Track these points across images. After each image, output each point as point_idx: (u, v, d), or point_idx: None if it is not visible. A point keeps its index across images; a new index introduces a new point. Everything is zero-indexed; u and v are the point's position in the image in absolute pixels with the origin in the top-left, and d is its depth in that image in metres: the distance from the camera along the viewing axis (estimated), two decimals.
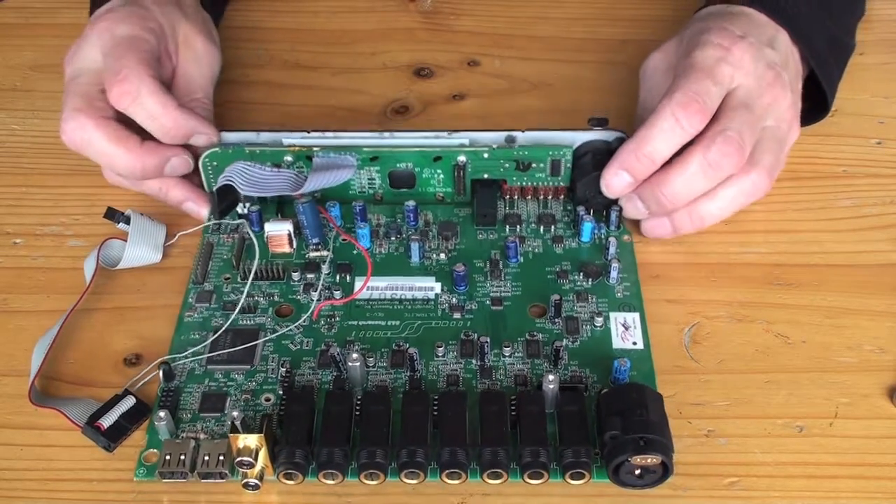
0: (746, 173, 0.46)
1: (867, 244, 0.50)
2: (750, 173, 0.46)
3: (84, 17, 0.52)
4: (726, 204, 0.47)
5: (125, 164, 0.47)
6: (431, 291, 0.47)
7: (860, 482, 0.40)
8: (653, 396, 0.40)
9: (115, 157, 0.47)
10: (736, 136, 0.45)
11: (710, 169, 0.45)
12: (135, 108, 0.46)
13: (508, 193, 0.50)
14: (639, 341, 0.44)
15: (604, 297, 0.46)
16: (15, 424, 0.42)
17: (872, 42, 0.63)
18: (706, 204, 0.47)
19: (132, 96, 0.46)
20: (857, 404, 0.43)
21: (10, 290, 0.48)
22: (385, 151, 0.49)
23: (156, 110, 0.46)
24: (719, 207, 0.47)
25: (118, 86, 0.46)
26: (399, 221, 0.50)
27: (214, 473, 0.39)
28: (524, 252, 0.48)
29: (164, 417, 0.40)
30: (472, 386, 0.43)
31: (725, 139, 0.44)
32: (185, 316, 0.46)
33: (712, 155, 0.44)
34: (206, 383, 0.43)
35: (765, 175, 0.47)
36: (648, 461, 0.38)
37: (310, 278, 0.47)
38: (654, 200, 0.46)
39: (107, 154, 0.47)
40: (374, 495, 0.39)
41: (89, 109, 0.47)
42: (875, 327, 0.46)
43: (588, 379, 0.43)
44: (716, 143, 0.44)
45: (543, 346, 0.44)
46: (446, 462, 0.39)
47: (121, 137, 0.47)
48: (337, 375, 0.43)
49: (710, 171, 0.45)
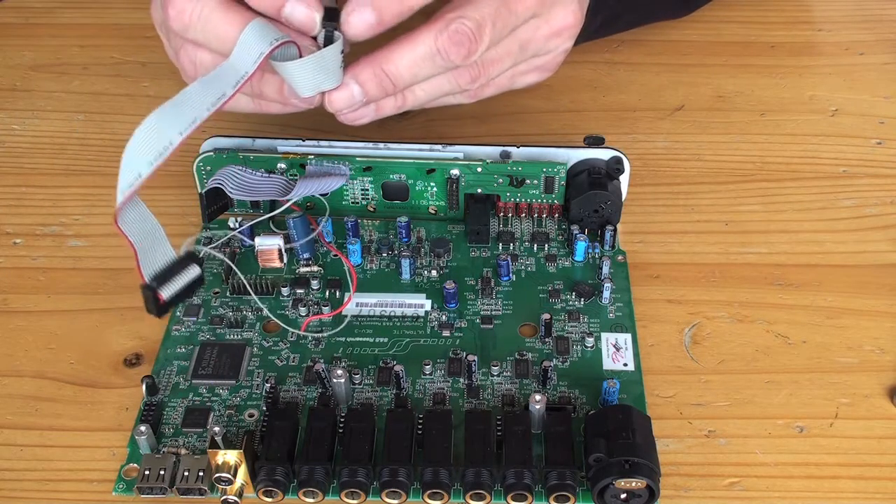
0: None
1: (867, 244, 0.50)
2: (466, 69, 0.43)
3: (84, 18, 0.52)
4: (432, 87, 0.43)
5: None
6: (421, 308, 0.46)
7: (860, 482, 0.40)
8: (640, 418, 0.39)
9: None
10: (472, 29, 0.40)
11: (437, 56, 0.41)
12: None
13: (503, 211, 0.50)
14: (630, 363, 0.44)
15: (596, 318, 0.46)
16: (15, 424, 0.42)
17: (872, 42, 0.63)
18: (416, 84, 0.43)
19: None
20: (858, 405, 0.43)
21: (10, 290, 0.48)
22: (379, 162, 0.49)
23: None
24: (423, 90, 0.43)
25: None
26: (391, 237, 0.50)
27: (194, 489, 0.39)
28: (516, 270, 0.48)
29: (146, 432, 0.39)
30: (459, 405, 0.42)
31: (459, 29, 0.40)
32: (172, 329, 0.45)
33: (443, 41, 0.40)
34: (191, 398, 0.43)
35: (477, 73, 0.43)
36: (633, 485, 0.37)
37: (299, 293, 0.47)
38: (377, 82, 0.41)
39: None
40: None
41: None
42: (875, 327, 0.46)
43: (577, 400, 0.42)
44: (449, 30, 0.40)
45: (532, 366, 0.43)
46: (429, 482, 0.38)
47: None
48: (322, 392, 0.42)
49: (438, 59, 0.41)
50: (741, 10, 0.66)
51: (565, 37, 0.46)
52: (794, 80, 0.60)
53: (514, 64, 0.45)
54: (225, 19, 0.40)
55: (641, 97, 0.59)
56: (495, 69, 0.44)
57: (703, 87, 0.60)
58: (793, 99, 0.59)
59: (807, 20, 0.66)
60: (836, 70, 0.61)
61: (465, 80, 0.43)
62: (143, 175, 0.36)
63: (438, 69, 0.42)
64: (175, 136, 0.37)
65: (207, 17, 0.40)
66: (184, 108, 0.38)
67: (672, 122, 0.58)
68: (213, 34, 0.41)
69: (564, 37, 0.46)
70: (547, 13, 0.44)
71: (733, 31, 0.64)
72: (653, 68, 0.61)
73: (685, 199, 0.52)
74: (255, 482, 0.39)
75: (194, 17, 0.41)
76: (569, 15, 0.45)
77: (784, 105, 0.59)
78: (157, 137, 0.37)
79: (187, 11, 0.41)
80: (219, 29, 0.40)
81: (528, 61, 0.46)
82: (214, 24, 0.40)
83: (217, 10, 0.40)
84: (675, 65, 0.62)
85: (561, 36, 0.46)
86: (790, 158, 0.54)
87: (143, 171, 0.37)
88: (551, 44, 0.46)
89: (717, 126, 0.57)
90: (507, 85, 0.46)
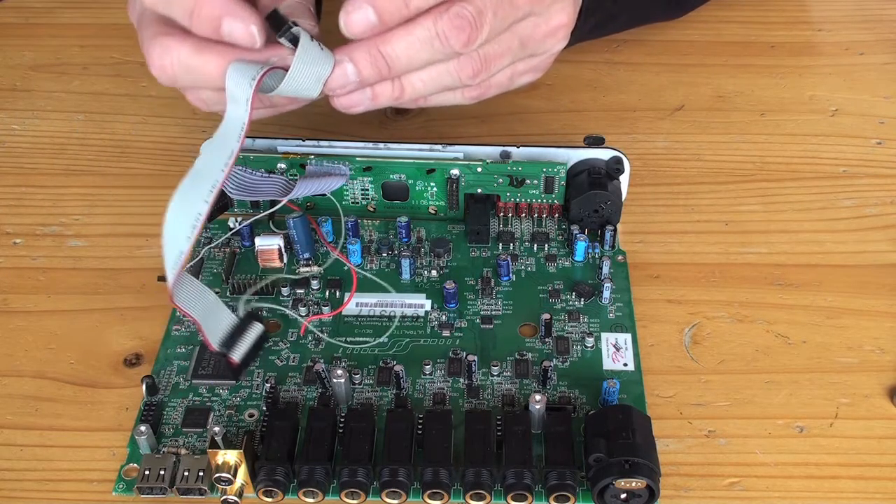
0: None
1: (867, 244, 0.50)
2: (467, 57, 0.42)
3: (84, 18, 0.52)
4: (432, 78, 0.43)
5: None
6: (421, 308, 0.46)
7: (860, 482, 0.40)
8: (640, 418, 0.39)
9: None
10: (473, 14, 0.40)
11: (436, 39, 0.40)
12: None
13: (503, 211, 0.50)
14: (630, 363, 0.44)
15: (596, 318, 0.46)
16: (15, 424, 0.42)
17: (873, 42, 0.63)
18: (414, 73, 0.42)
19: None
20: (858, 405, 0.43)
21: (10, 290, 0.48)
22: (379, 162, 0.49)
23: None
24: (422, 80, 0.43)
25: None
26: (391, 237, 0.50)
27: (194, 489, 0.39)
28: (516, 270, 0.48)
29: (146, 432, 0.40)
30: (459, 405, 0.42)
31: (460, 13, 0.40)
32: (172, 329, 0.45)
33: (442, 24, 0.40)
34: (191, 398, 0.43)
35: (479, 67, 0.43)
36: (633, 485, 0.37)
37: (299, 293, 0.47)
38: (371, 62, 0.41)
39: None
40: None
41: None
42: (875, 327, 0.46)
43: (577, 400, 0.42)
44: (449, 13, 0.40)
45: (532, 366, 0.43)
46: (429, 482, 0.38)
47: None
48: (322, 392, 0.42)
49: (437, 42, 0.40)
50: (741, 10, 0.66)
51: (560, 36, 0.46)
52: (794, 80, 0.60)
53: (514, 62, 0.45)
54: (203, 62, 0.41)
55: (641, 97, 0.59)
56: (496, 65, 0.44)
57: (703, 87, 0.60)
58: (793, 99, 0.59)
59: (807, 20, 0.66)
60: (836, 70, 0.61)
61: (467, 74, 0.43)
62: (184, 251, 0.38)
63: (437, 55, 0.41)
64: (202, 205, 0.39)
65: (186, 64, 0.41)
66: (201, 178, 0.39)
67: (672, 122, 0.58)
68: (200, 76, 0.41)
69: (559, 36, 0.46)
70: (545, 11, 0.44)
71: (733, 31, 0.64)
72: (653, 68, 0.61)
73: (685, 199, 0.52)
74: (255, 482, 0.39)
75: (176, 69, 0.41)
76: (564, 14, 0.45)
77: (784, 105, 0.59)
78: (186, 213, 0.38)
79: (167, 67, 0.41)
80: (202, 71, 0.41)
81: (525, 60, 0.46)
82: (196, 69, 0.41)
83: (192, 56, 0.41)
84: (675, 65, 0.62)
85: (556, 35, 0.46)
86: (790, 158, 0.54)
87: (183, 248, 0.38)
88: (547, 43, 0.46)
89: (717, 126, 0.57)
90: (507, 84, 0.46)
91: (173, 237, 0.38)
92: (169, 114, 0.58)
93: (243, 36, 0.40)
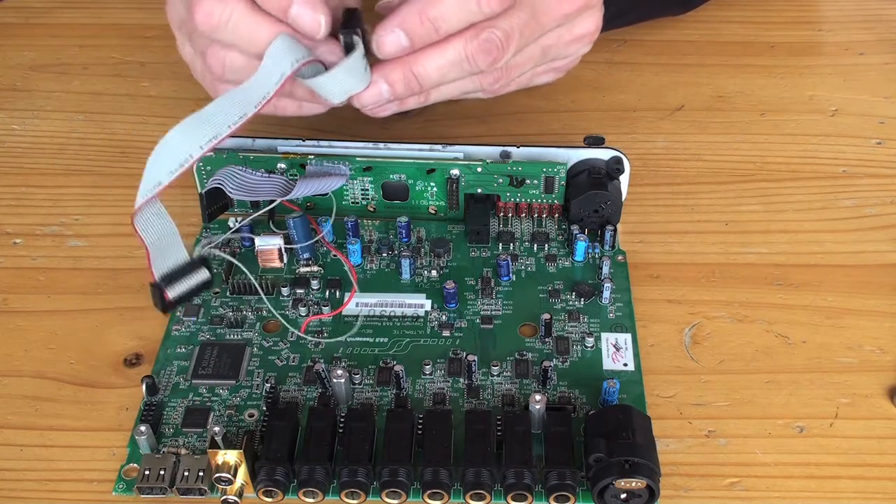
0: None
1: (867, 244, 0.50)
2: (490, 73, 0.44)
3: (84, 18, 0.52)
4: (456, 87, 0.44)
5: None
6: (421, 309, 0.46)
7: (860, 482, 0.40)
8: (640, 418, 0.39)
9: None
10: (501, 39, 0.42)
11: (465, 62, 0.42)
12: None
13: (503, 211, 0.50)
14: (630, 363, 0.44)
15: (596, 318, 0.46)
16: (15, 424, 0.42)
17: (873, 42, 0.63)
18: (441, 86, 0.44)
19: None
20: (858, 405, 0.43)
21: (10, 290, 0.48)
22: (379, 162, 0.49)
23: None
24: (448, 89, 0.44)
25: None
26: (391, 237, 0.50)
27: (194, 489, 0.39)
28: (516, 270, 0.48)
29: (146, 432, 0.39)
30: (459, 405, 0.42)
31: (489, 38, 0.42)
32: (172, 329, 0.45)
33: (472, 48, 0.42)
34: (191, 398, 0.43)
35: (501, 76, 0.44)
36: (633, 485, 0.37)
37: (299, 293, 0.47)
38: (403, 79, 0.42)
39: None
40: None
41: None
42: (875, 327, 0.46)
43: (577, 400, 0.42)
44: (479, 38, 0.42)
45: (532, 366, 0.43)
46: (429, 482, 0.38)
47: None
48: (322, 392, 0.42)
49: (465, 64, 0.42)
50: (741, 10, 0.66)
51: (585, 42, 0.47)
52: (794, 80, 0.60)
53: (535, 66, 0.46)
54: (254, 24, 0.40)
55: (641, 97, 0.59)
56: (517, 72, 0.45)
57: (703, 87, 0.60)
58: (793, 99, 0.59)
59: (807, 20, 0.66)
60: (836, 70, 0.61)
61: (488, 82, 0.44)
62: (162, 183, 0.38)
63: (464, 73, 0.43)
64: (195, 149, 0.39)
65: (237, 20, 0.41)
66: (206, 123, 0.39)
67: (672, 122, 0.58)
68: (243, 37, 0.41)
69: (584, 42, 0.47)
70: (571, 22, 0.46)
71: (733, 31, 0.64)
72: (653, 68, 0.61)
73: (685, 199, 0.52)
74: (255, 482, 0.39)
75: (223, 20, 0.41)
76: (591, 23, 0.46)
77: (784, 105, 0.59)
78: (178, 149, 0.38)
79: (216, 14, 0.41)
80: (249, 33, 0.41)
81: (547, 63, 0.47)
82: (244, 28, 0.41)
83: (246, 14, 0.40)
84: (675, 65, 0.62)
85: (582, 41, 0.47)
86: (790, 158, 0.54)
87: (163, 180, 0.38)
88: (572, 48, 0.47)
89: (717, 126, 0.57)
90: (526, 84, 0.48)
91: (156, 167, 0.38)
92: (169, 114, 0.58)
93: (309, 23, 0.40)
